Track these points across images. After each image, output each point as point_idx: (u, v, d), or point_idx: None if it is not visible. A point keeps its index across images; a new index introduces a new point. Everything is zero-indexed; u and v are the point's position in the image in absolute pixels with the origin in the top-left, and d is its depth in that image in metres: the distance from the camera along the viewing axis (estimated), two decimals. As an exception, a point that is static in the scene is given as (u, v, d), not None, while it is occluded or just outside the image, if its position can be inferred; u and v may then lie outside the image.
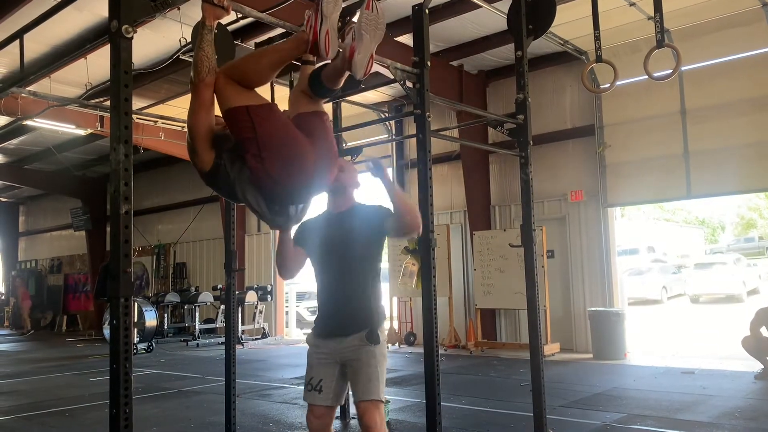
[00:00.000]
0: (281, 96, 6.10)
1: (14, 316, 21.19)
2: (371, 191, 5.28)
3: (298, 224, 3.24)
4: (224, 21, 4.80)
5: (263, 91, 2.87)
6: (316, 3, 2.72)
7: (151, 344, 12.40)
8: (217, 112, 2.78)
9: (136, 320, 12.05)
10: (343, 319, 3.16)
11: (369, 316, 3.17)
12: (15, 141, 14.17)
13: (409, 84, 4.15)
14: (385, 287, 9.21)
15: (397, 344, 11.44)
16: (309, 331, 3.40)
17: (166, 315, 14.81)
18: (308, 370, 3.22)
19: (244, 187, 2.72)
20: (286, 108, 3.04)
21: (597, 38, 5.13)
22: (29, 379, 9.43)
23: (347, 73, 2.86)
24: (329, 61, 2.88)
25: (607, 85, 5.69)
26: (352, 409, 5.86)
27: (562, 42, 9.44)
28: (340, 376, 3.18)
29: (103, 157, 15.70)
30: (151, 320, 12.53)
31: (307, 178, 2.72)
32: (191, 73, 2.70)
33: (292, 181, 2.70)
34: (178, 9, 2.66)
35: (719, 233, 38.47)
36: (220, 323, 13.98)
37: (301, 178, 2.71)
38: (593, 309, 9.64)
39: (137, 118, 9.89)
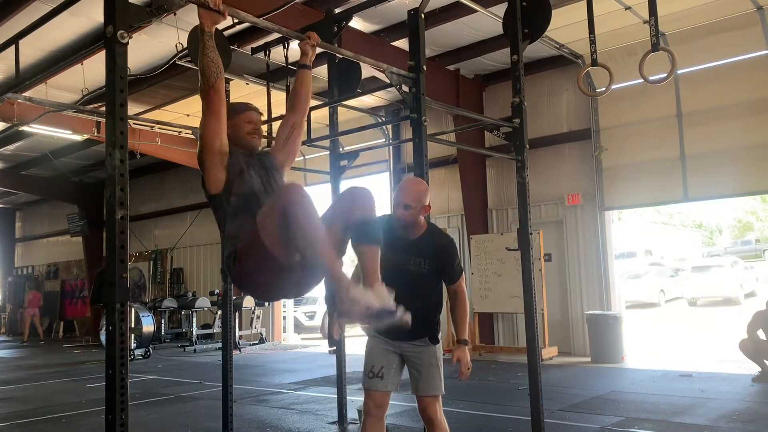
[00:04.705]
0: (277, 101, 6.12)
1: (11, 322, 21.10)
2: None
3: None
4: (221, 26, 4.81)
5: (261, 94, 2.87)
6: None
7: (149, 350, 12.38)
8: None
9: (133, 326, 12.01)
10: (415, 328, 3.21)
11: (434, 325, 3.55)
12: (11, 147, 14.14)
13: (405, 88, 4.15)
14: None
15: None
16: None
17: (163, 320, 14.77)
18: (369, 358, 3.52)
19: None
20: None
21: (593, 42, 5.14)
22: (26, 385, 9.39)
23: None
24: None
25: (603, 89, 5.68)
26: (351, 414, 5.86)
27: (557, 46, 9.46)
28: (399, 365, 3.54)
29: (100, 162, 15.68)
30: (148, 326, 12.49)
31: (288, 295, 2.87)
32: (200, 81, 2.66)
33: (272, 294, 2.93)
34: (175, 14, 2.65)
35: (716, 236, 38.55)
36: (217, 328, 13.93)
37: (280, 295, 2.90)
38: (591, 312, 9.65)
39: (134, 124, 9.84)
